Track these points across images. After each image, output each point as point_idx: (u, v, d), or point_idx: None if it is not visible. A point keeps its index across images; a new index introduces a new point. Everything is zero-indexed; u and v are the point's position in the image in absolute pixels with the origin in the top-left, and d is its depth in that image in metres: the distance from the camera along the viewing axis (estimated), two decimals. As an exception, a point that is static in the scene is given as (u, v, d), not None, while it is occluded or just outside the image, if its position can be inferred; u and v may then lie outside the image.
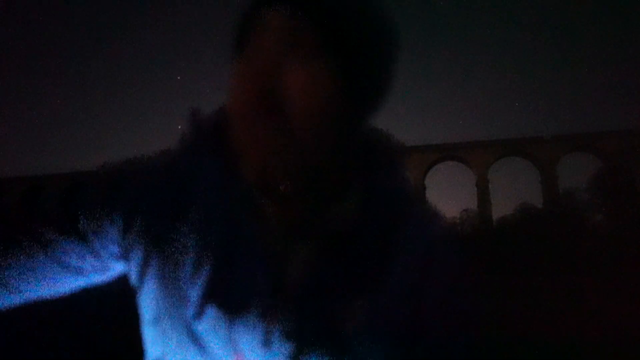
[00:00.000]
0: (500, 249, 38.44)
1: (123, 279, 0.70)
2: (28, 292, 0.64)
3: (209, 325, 0.59)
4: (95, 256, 0.65)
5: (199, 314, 0.59)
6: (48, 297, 0.66)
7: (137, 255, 0.65)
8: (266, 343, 0.58)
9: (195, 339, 0.59)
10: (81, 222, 0.64)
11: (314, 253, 0.60)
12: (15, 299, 0.64)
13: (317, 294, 0.59)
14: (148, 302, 0.65)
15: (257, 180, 0.59)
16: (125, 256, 0.66)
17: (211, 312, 0.59)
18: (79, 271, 0.66)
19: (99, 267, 0.67)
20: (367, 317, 0.59)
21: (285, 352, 0.58)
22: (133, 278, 0.67)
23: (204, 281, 0.60)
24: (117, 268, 0.68)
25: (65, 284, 0.66)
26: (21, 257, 0.61)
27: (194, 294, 0.60)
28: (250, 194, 0.61)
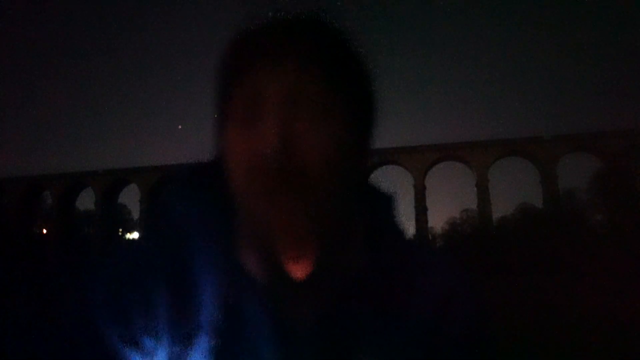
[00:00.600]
0: (500, 249, 38.48)
1: None
2: None
3: None
4: None
5: None
6: None
7: (148, 346, 0.63)
8: None
9: None
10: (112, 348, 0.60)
11: (322, 328, 0.57)
12: None
13: None
14: None
15: (265, 269, 0.56)
16: (142, 353, 0.63)
17: None
18: None
19: None
20: None
21: None
22: None
23: None
24: None
25: None
26: None
27: None
28: (256, 282, 0.57)
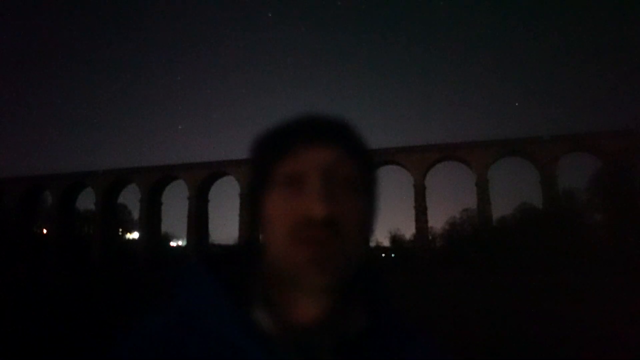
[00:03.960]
0: (500, 248, 38.50)
1: None
2: None
3: None
4: None
5: None
6: None
7: None
8: None
9: None
10: None
11: None
12: None
13: None
14: None
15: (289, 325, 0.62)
16: None
17: None
18: None
19: None
20: None
21: None
22: None
23: None
24: None
25: None
26: None
27: None
28: (274, 351, 0.60)
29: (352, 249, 0.61)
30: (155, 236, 54.56)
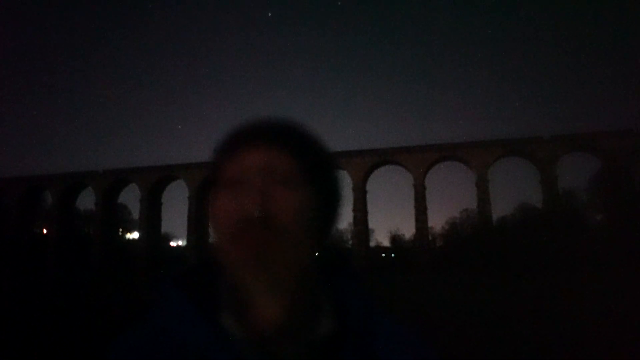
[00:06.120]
0: (500, 248, 38.46)
1: None
2: None
3: None
4: None
5: None
6: None
7: None
8: None
9: None
10: None
11: None
12: None
13: None
14: None
15: (255, 332, 0.62)
16: None
17: None
18: None
19: None
20: None
21: None
22: None
23: None
24: None
25: None
26: None
27: None
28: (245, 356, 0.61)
29: (295, 245, 0.61)
30: (155, 236, 54.52)
